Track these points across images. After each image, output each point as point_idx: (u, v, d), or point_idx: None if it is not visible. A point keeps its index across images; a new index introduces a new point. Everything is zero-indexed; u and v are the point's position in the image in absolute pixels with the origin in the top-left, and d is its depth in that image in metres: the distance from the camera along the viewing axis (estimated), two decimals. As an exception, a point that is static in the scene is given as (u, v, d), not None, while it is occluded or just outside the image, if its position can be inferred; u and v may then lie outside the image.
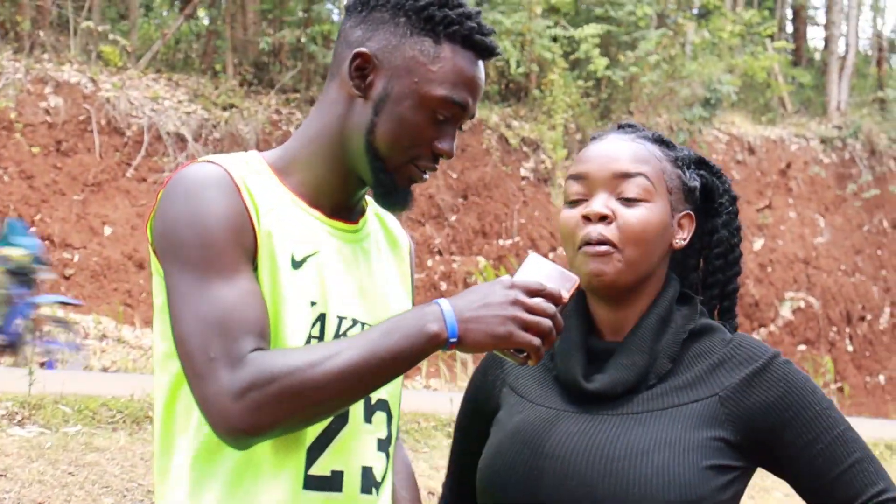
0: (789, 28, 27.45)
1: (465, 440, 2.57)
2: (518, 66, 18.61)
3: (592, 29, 18.73)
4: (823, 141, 22.03)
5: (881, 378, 20.91)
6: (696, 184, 2.46)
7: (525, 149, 18.58)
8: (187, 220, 2.20)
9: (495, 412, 2.48)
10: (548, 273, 2.21)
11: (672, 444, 2.25)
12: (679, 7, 21.64)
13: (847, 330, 20.92)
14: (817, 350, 20.10)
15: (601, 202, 2.34)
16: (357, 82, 2.31)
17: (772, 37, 23.15)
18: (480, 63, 2.34)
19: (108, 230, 15.36)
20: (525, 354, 2.13)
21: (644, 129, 2.50)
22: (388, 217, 2.56)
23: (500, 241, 17.89)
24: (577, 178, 2.39)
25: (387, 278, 2.47)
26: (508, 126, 18.55)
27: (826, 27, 26.34)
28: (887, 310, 21.50)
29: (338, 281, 2.34)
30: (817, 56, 28.43)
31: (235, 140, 16.53)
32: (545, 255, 18.41)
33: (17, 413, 8.45)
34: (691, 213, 2.44)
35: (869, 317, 21.27)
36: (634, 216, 2.33)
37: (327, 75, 2.39)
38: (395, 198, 2.34)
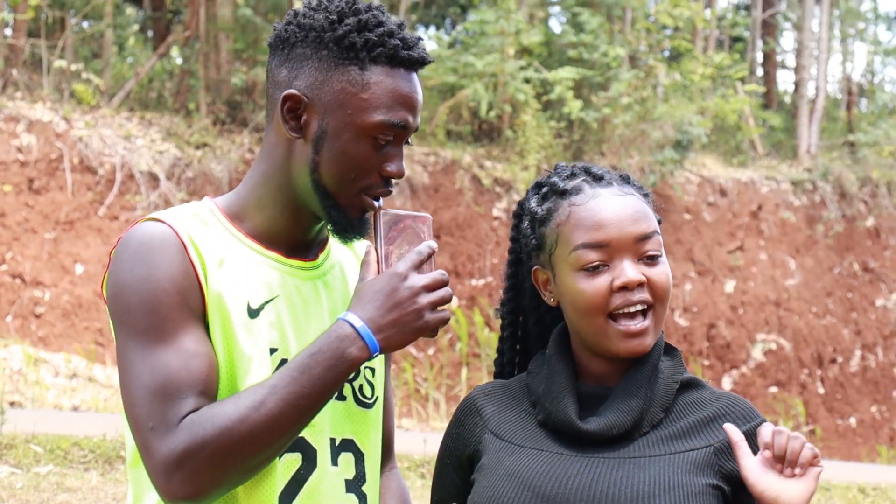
0: (760, 71, 27.62)
1: (446, 494, 2.54)
2: (490, 107, 18.65)
3: (567, 72, 18.79)
4: (794, 183, 22.13)
5: (852, 421, 20.94)
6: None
7: (498, 189, 18.61)
8: (132, 285, 2.19)
9: (476, 460, 2.45)
10: (406, 225, 2.24)
11: (676, 489, 2.27)
12: (650, 49, 21.75)
13: (818, 372, 20.96)
14: (788, 392, 20.13)
15: (634, 269, 2.34)
16: (292, 124, 2.29)
17: (742, 80, 23.30)
18: (413, 76, 2.31)
19: (79, 269, 15.29)
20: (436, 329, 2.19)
21: (609, 172, 2.47)
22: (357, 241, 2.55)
23: (473, 281, 17.89)
24: (597, 246, 2.35)
25: None
26: (481, 166, 18.58)
27: (796, 71, 26.50)
28: (858, 352, 21.56)
29: (298, 323, 2.32)
30: (787, 99, 28.61)
31: (208, 179, 16.50)
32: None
33: (-13, 453, 8.38)
34: None
35: (840, 359, 21.32)
36: (661, 274, 2.36)
37: (266, 117, 2.36)
38: (351, 231, 2.32)
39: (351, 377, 2.33)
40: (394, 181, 2.32)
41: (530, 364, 2.50)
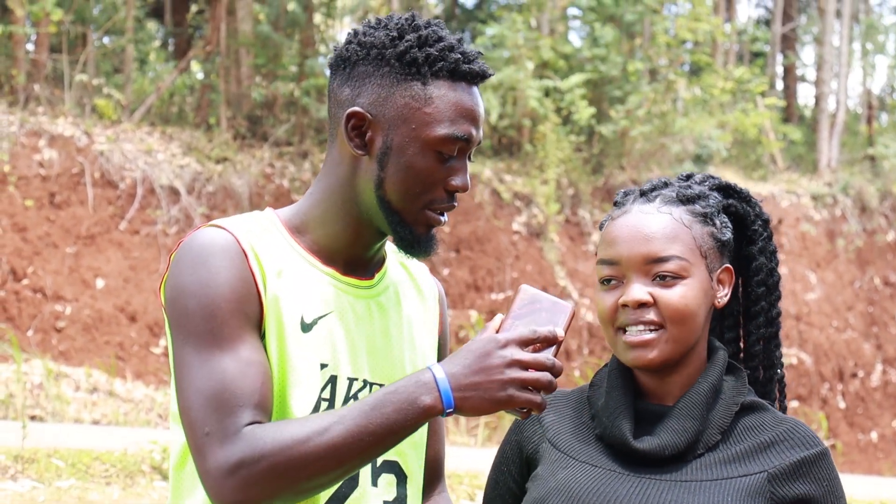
0: (780, 85, 27.58)
1: (499, 498, 2.54)
2: (500, 117, 18.62)
3: (578, 78, 18.78)
4: (814, 197, 22.09)
5: (873, 435, 20.86)
6: (729, 235, 2.44)
7: (517, 203, 18.61)
8: (192, 289, 2.20)
9: (532, 468, 2.46)
10: (542, 308, 2.18)
11: None
12: (670, 64, 21.75)
13: (839, 387, 20.89)
14: (809, 406, 20.06)
15: (639, 289, 2.34)
16: (356, 141, 2.30)
17: (763, 94, 23.27)
18: (475, 89, 2.32)
19: (100, 283, 15.33)
20: (526, 409, 2.12)
21: (665, 186, 2.46)
22: (414, 264, 2.54)
23: (493, 295, 17.89)
24: (608, 262, 2.37)
25: (403, 334, 2.44)
26: (501, 180, 18.59)
27: (817, 85, 26.46)
28: (879, 367, 21.49)
29: (349, 341, 2.32)
30: (808, 113, 28.56)
31: (229, 193, 16.54)
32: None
33: (9, 467, 8.41)
34: (729, 265, 2.44)
35: (861, 374, 21.25)
36: (675, 296, 2.33)
37: (328, 135, 2.38)
38: (418, 247, 2.33)
39: None
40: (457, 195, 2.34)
41: (594, 376, 2.51)
